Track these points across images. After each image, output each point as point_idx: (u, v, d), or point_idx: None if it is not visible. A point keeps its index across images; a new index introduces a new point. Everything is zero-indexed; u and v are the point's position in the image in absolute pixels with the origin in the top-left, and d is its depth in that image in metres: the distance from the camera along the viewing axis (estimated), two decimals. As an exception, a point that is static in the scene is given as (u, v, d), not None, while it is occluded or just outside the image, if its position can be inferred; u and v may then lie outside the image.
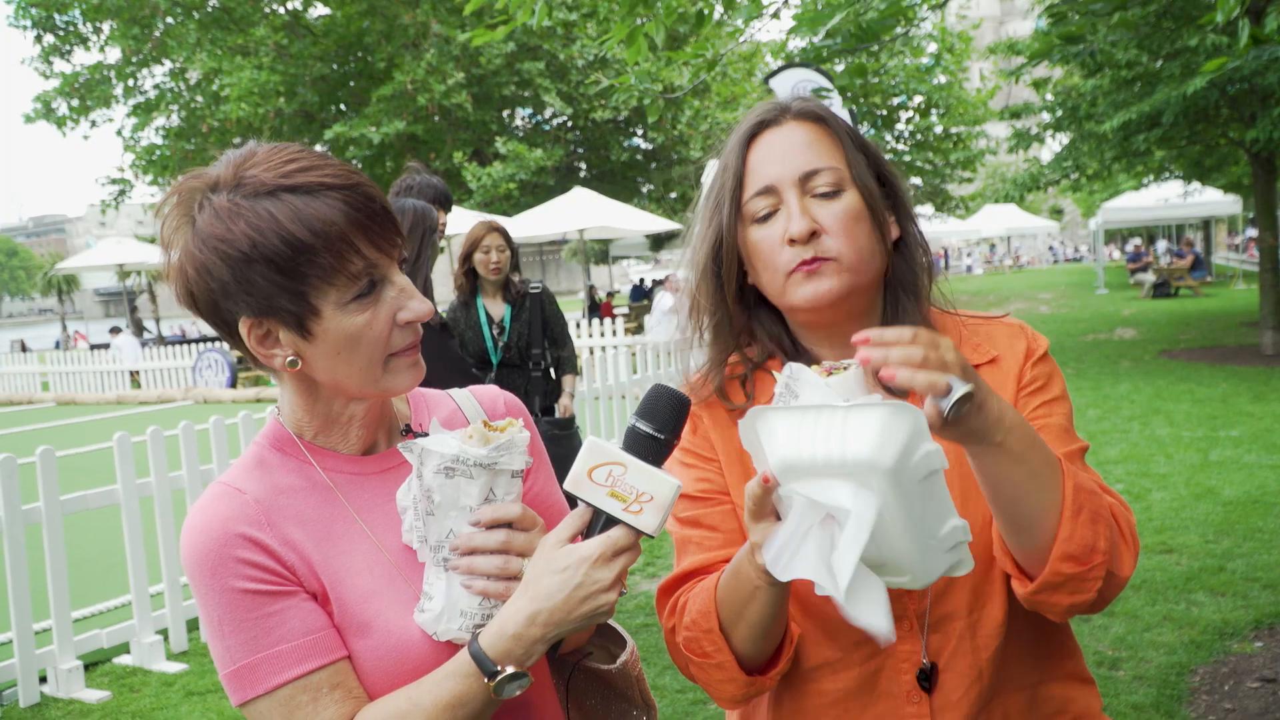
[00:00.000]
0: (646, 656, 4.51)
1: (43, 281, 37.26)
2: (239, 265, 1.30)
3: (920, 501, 1.20)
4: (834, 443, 1.18)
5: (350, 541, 1.42)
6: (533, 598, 1.30)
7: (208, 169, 1.38)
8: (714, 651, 1.49)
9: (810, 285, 1.52)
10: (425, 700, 1.31)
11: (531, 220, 20.01)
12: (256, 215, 1.29)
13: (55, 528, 5.45)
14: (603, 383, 9.07)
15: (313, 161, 1.34)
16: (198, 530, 1.35)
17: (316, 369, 1.38)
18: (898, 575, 1.28)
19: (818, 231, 1.51)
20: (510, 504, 1.40)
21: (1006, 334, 1.62)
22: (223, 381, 19.86)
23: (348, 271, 1.32)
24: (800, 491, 1.23)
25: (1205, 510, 7.12)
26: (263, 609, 1.33)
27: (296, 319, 1.34)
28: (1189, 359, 15.11)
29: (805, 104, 1.60)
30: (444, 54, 24.41)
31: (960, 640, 1.51)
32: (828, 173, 1.53)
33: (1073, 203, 62.00)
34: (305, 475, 1.44)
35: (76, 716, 5.10)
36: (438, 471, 1.36)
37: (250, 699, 1.33)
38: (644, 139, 29.63)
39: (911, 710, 1.52)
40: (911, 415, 1.17)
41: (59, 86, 27.66)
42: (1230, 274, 35.70)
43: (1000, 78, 18.55)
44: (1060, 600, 1.38)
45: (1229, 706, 4.37)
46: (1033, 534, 1.36)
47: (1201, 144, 18.00)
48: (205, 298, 1.35)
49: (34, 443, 6.01)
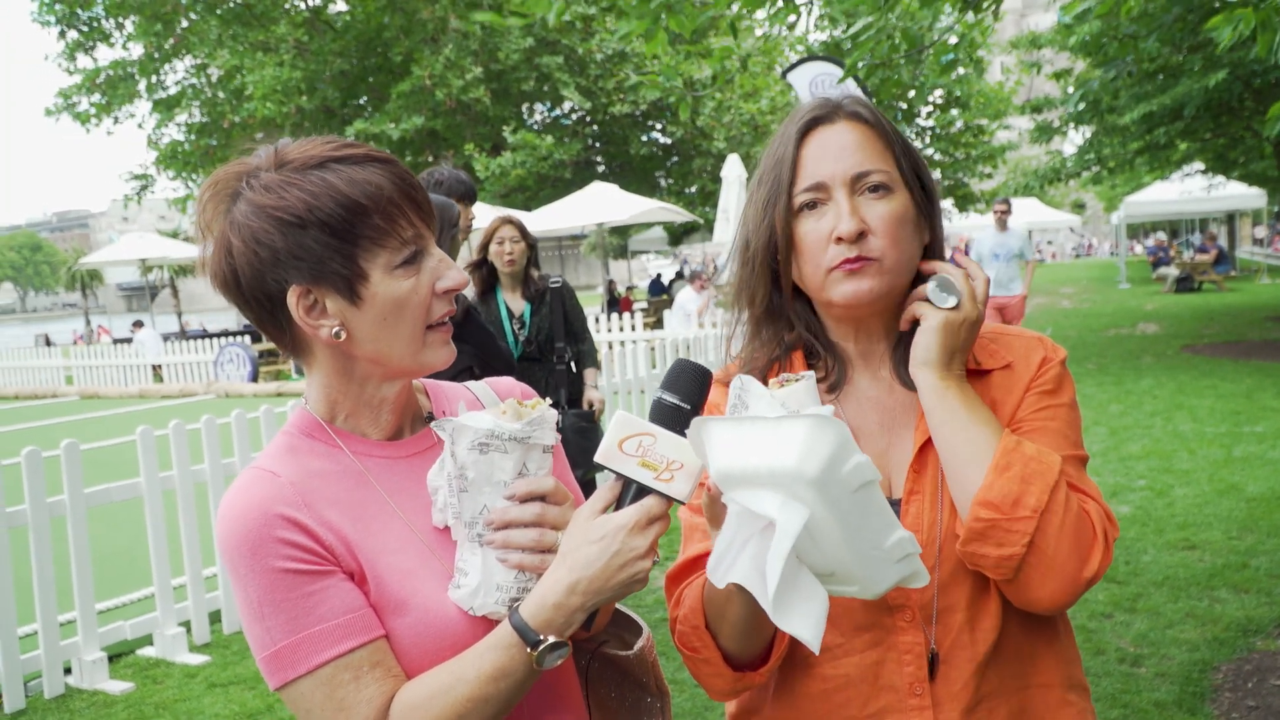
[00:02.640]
0: (666, 650, 4.51)
1: (66, 276, 37.45)
2: (293, 230, 1.34)
3: (857, 513, 1.23)
4: (764, 454, 1.21)
5: (383, 523, 1.43)
6: (571, 567, 1.32)
7: (244, 159, 1.41)
8: (701, 647, 1.55)
9: (851, 284, 1.54)
10: (468, 673, 1.33)
11: (550, 214, 20.01)
12: (309, 183, 1.35)
13: (79, 520, 5.50)
14: (621, 377, 9.08)
15: (352, 142, 1.40)
16: (237, 513, 1.36)
17: (361, 340, 1.41)
18: (847, 585, 1.31)
19: (865, 232, 1.53)
20: (544, 478, 1.42)
21: (1024, 345, 1.65)
22: (244, 376, 19.96)
23: (398, 235, 1.38)
24: (737, 500, 1.25)
25: (1229, 506, 7.07)
26: (303, 588, 1.34)
27: (347, 283, 1.37)
28: (1212, 354, 15.01)
29: (857, 105, 1.62)
30: (462, 49, 24.43)
31: (960, 633, 1.53)
32: (879, 174, 1.55)
33: (1094, 197, 61.61)
34: (335, 459, 1.46)
35: (100, 708, 5.14)
36: (471, 448, 1.38)
37: (292, 679, 1.33)
38: (663, 133, 29.59)
39: (915, 703, 1.53)
40: (837, 428, 1.19)
41: (81, 82, 27.82)
42: (1255, 268, 35.45)
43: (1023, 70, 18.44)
44: (988, 552, 1.43)
45: (1252, 704, 4.34)
46: (964, 481, 1.45)
47: (1225, 137, 17.86)
48: (251, 270, 1.37)
49: (58, 436, 6.06)
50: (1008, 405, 1.58)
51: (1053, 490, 1.41)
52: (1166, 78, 14.68)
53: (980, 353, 1.63)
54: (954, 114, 30.76)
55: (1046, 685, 1.58)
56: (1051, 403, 1.58)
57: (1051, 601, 1.45)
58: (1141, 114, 14.11)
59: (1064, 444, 1.54)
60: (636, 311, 18.77)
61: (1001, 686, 1.55)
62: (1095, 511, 1.46)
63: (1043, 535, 1.40)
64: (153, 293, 33.46)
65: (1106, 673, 4.66)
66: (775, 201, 1.60)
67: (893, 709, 1.54)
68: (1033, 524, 1.40)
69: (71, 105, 28.11)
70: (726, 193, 16.78)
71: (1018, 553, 1.41)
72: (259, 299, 1.40)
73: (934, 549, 1.53)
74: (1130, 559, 6.12)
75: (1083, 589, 1.45)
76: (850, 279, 1.54)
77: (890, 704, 1.54)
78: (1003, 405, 1.58)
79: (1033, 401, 1.58)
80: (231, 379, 19.94)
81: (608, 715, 1.68)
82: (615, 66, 26.02)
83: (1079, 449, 1.57)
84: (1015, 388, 1.59)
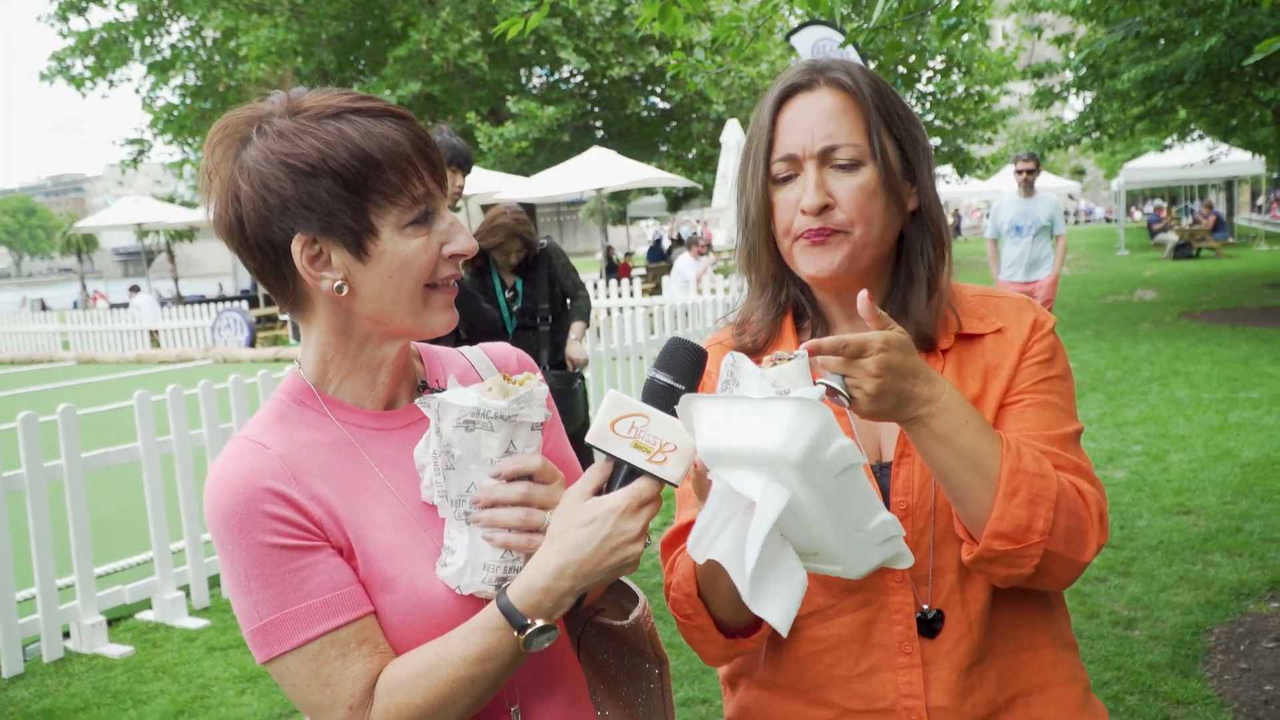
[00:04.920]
0: (664, 615, 4.53)
1: (62, 241, 37.35)
2: (304, 179, 1.31)
3: (840, 496, 1.23)
4: (749, 434, 1.21)
5: (373, 497, 1.41)
6: (560, 550, 1.31)
7: (256, 104, 1.38)
8: (694, 614, 1.56)
9: (815, 255, 1.56)
10: (454, 654, 1.32)
11: (549, 180, 19.92)
12: (325, 132, 1.32)
13: (77, 485, 5.51)
14: (620, 343, 9.07)
15: (370, 96, 1.37)
16: (223, 485, 1.34)
17: (363, 296, 1.38)
18: (831, 564, 1.32)
19: (830, 205, 1.53)
20: (531, 456, 1.40)
21: (1014, 307, 1.65)
22: (242, 341, 19.96)
23: (411, 194, 1.36)
24: (721, 478, 1.25)
25: (1224, 471, 7.10)
26: (290, 564, 1.33)
27: (355, 237, 1.35)
28: (1209, 320, 15.02)
29: (837, 71, 1.59)
30: (460, 12, 24.21)
31: (951, 594, 1.55)
32: (848, 148, 1.54)
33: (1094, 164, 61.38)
34: (325, 430, 1.43)
35: (100, 671, 5.17)
36: (457, 425, 1.36)
37: (277, 655, 1.32)
38: (661, 98, 29.38)
39: (904, 660, 1.55)
40: (821, 411, 1.19)
41: (74, 45, 27.57)
42: (1253, 235, 35.38)
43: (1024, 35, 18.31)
44: (997, 571, 1.47)
45: (1245, 666, 4.38)
46: (965, 508, 1.44)
47: (1225, 103, 17.78)
48: (258, 216, 1.34)
49: (55, 401, 6.06)
50: (1004, 369, 1.58)
51: (1056, 506, 1.42)
52: (1168, 42, 14.59)
53: (970, 317, 1.63)
54: (955, 79, 30.54)
55: (1038, 646, 1.60)
56: (1049, 374, 1.58)
57: (1052, 587, 1.50)
58: (1142, 76, 14.02)
59: (1064, 418, 1.55)
60: (635, 278, 18.74)
61: (994, 649, 1.56)
62: (1090, 494, 1.48)
63: (1048, 548, 1.42)
64: (149, 258, 33.36)
65: (1100, 635, 4.69)
66: (756, 170, 1.60)
67: (882, 667, 1.56)
68: (1042, 547, 1.41)
69: (66, 69, 27.86)
70: (725, 157, 16.71)
71: (1027, 572, 1.44)
72: (263, 247, 1.36)
73: (926, 510, 1.54)
74: (1125, 523, 6.15)
75: (1081, 571, 1.48)
76: (815, 251, 1.55)
77: (880, 662, 1.56)
78: (998, 370, 1.58)
79: (1030, 373, 1.57)
80: (229, 344, 19.93)
81: (606, 681, 1.68)
82: (614, 29, 25.79)
83: (1075, 421, 1.58)
84: (1009, 350, 1.59)
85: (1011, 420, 1.54)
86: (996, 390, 1.57)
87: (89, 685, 5.00)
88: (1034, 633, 1.60)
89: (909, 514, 1.54)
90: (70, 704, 4.81)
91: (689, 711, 4.29)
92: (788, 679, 1.64)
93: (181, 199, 34.56)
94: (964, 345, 1.60)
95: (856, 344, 1.34)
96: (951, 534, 1.53)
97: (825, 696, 1.60)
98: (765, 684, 1.68)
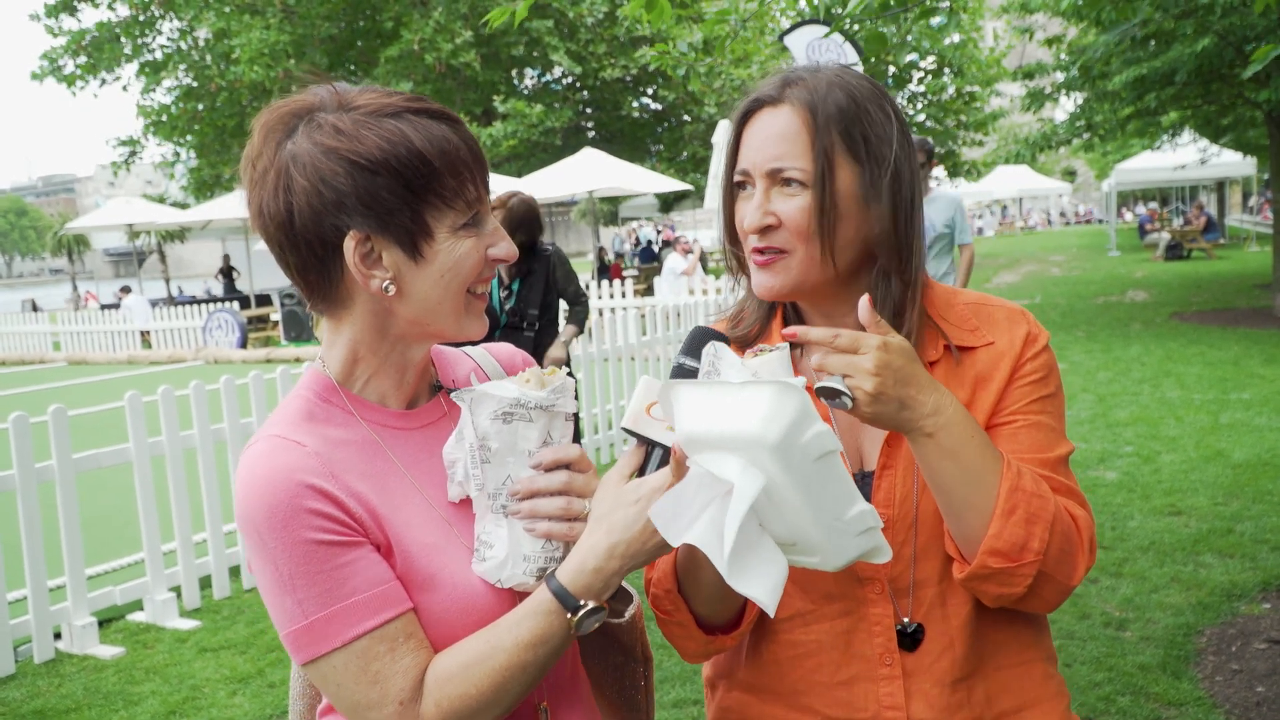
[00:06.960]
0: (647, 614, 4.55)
1: (53, 241, 37.20)
2: (365, 175, 1.30)
3: (818, 482, 1.24)
4: (728, 418, 1.22)
5: (404, 496, 1.41)
6: (608, 530, 1.32)
7: (298, 98, 1.36)
8: (674, 610, 1.57)
9: (761, 276, 1.56)
10: (505, 641, 1.32)
11: (541, 181, 19.92)
12: (386, 130, 1.31)
13: (68, 485, 5.49)
14: (611, 344, 9.06)
15: (422, 97, 1.37)
16: (262, 483, 1.31)
17: (410, 296, 1.37)
18: (809, 555, 1.32)
19: (773, 226, 1.52)
20: (570, 445, 1.42)
21: (1007, 319, 1.62)
22: (233, 342, 19.93)
23: (465, 197, 1.36)
24: (700, 463, 1.26)
25: (1215, 472, 7.12)
26: (335, 560, 1.31)
27: (410, 238, 1.34)
28: (1200, 321, 15.06)
29: (803, 89, 1.54)
30: (452, 12, 24.20)
31: (932, 607, 1.54)
32: (792, 171, 1.51)
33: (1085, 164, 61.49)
34: (352, 428, 1.42)
35: (91, 672, 5.16)
36: (494, 417, 1.37)
37: (325, 653, 1.30)
38: (653, 99, 29.38)
39: (885, 672, 1.54)
40: (799, 395, 1.20)
41: (66, 44, 27.50)
42: (1244, 236, 35.49)
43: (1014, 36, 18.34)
44: (989, 589, 1.46)
45: (1236, 667, 4.39)
46: (962, 524, 1.44)
47: (1217, 104, 17.82)
48: (311, 210, 1.32)
49: (46, 402, 6.04)
50: (994, 382, 1.56)
51: (1051, 528, 1.42)
52: (1159, 43, 14.62)
53: (960, 330, 1.60)
54: (946, 80, 30.57)
55: (1029, 662, 1.60)
56: (1042, 393, 1.56)
57: (1039, 609, 1.50)
58: (1133, 77, 14.04)
59: (1056, 440, 1.55)
60: (627, 279, 18.76)
61: (983, 664, 1.56)
62: (1082, 518, 1.49)
63: (1041, 569, 1.43)
64: (140, 258, 33.26)
65: (1092, 636, 4.70)
66: (726, 179, 1.61)
67: (863, 677, 1.55)
68: (1036, 567, 1.42)
69: (57, 68, 27.82)
70: (717, 159, 16.72)
71: (1019, 592, 1.44)
72: (310, 241, 1.34)
73: (908, 523, 1.53)
74: (1116, 524, 6.16)
75: (1068, 594, 1.49)
76: (762, 273, 1.55)
77: (861, 672, 1.55)
78: (988, 382, 1.56)
79: (1024, 393, 1.55)
80: (220, 345, 19.90)
81: (594, 683, 1.69)
82: (605, 30, 25.80)
83: (1066, 442, 1.57)
84: (1001, 363, 1.57)
85: (1004, 441, 1.52)
86: (986, 402, 1.55)
87: (80, 686, 4.99)
88: (1025, 648, 1.60)
89: (890, 526, 1.52)
90: (61, 705, 4.79)
91: (680, 712, 4.28)
92: (768, 682, 1.63)
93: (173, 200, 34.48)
94: (952, 358, 1.58)
95: (850, 337, 1.34)
96: (933, 547, 1.52)
97: (807, 702, 1.59)
98: (746, 686, 1.67)
